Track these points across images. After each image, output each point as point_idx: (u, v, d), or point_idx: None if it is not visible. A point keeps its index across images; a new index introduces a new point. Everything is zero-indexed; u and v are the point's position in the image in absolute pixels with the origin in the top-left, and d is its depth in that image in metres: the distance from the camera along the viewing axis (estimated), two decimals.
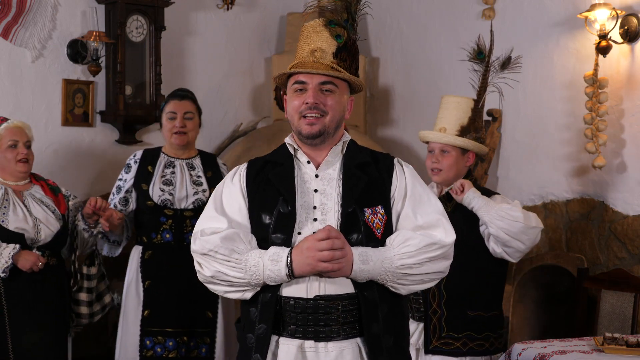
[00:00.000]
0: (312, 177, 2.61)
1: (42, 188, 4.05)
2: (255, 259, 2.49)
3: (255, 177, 2.64)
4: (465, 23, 5.35)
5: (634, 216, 4.47)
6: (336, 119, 2.62)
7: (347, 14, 2.64)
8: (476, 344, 3.67)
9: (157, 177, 4.23)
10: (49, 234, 3.93)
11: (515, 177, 5.12)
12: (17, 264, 3.80)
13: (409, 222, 2.58)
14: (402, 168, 2.67)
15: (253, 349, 2.52)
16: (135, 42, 5.22)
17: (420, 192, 2.63)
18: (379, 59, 6.01)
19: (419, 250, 2.51)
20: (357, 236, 2.52)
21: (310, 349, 2.50)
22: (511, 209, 3.58)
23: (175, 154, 4.32)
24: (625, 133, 4.51)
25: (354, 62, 2.66)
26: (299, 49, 2.66)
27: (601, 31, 4.39)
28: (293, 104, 2.61)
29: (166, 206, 4.18)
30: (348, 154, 2.66)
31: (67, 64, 5.08)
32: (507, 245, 3.60)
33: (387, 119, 5.94)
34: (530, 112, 5.03)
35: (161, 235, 4.19)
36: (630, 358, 3.27)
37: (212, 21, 5.70)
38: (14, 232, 3.84)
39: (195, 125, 4.33)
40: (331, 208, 2.56)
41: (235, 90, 5.80)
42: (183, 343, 4.17)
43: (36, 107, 4.97)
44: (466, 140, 3.76)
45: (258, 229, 2.57)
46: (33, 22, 4.93)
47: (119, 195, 4.24)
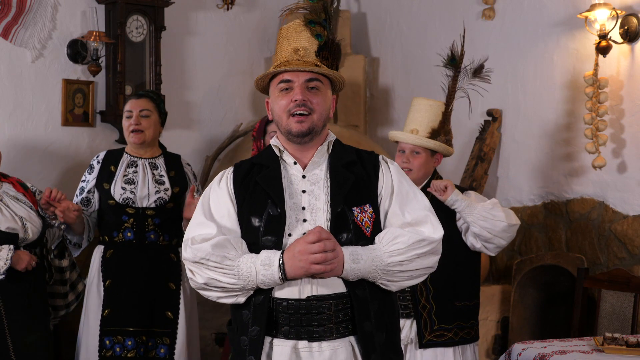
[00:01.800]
0: (300, 178, 2.62)
1: (13, 186, 4.02)
2: (248, 264, 2.49)
3: (242, 181, 2.64)
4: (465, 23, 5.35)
5: (634, 216, 4.47)
6: (323, 117, 2.62)
7: (325, 14, 2.65)
8: (465, 332, 3.79)
9: (119, 176, 4.21)
10: (35, 232, 3.92)
11: (515, 177, 5.12)
12: (15, 264, 3.79)
13: (397, 219, 2.60)
14: (388, 165, 2.68)
15: (247, 351, 2.52)
16: (135, 42, 5.22)
17: (407, 189, 2.65)
18: (379, 59, 6.01)
19: (408, 247, 2.53)
20: (347, 235, 2.53)
21: (304, 349, 2.51)
22: (493, 209, 3.69)
23: (138, 153, 4.30)
24: (625, 133, 4.51)
25: (334, 61, 2.67)
26: (280, 49, 2.66)
27: (601, 31, 4.39)
28: (280, 104, 2.61)
29: (128, 205, 4.17)
30: (334, 153, 2.66)
31: (67, 64, 5.07)
32: (488, 242, 3.72)
33: (387, 119, 5.94)
34: (530, 112, 5.03)
35: (123, 234, 4.17)
36: (630, 358, 3.27)
37: (212, 21, 5.70)
38: (7, 232, 3.83)
39: (153, 124, 4.28)
40: (320, 208, 2.56)
41: (235, 90, 5.80)
42: (142, 342, 4.13)
43: (36, 107, 4.97)
44: (437, 143, 3.86)
45: (248, 232, 2.57)
46: (33, 22, 4.93)
47: (81, 196, 4.24)
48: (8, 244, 3.81)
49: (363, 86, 5.96)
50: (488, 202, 3.72)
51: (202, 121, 5.59)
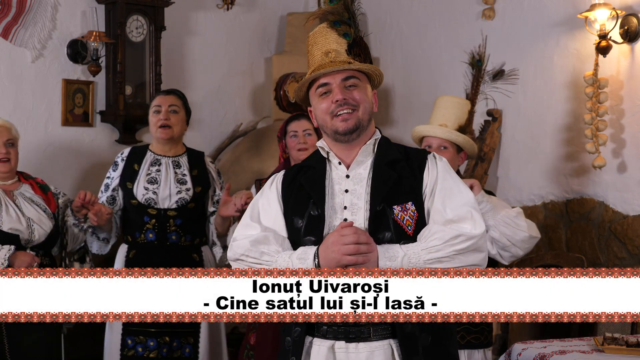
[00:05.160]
0: (343, 178, 2.62)
1: (31, 187, 4.04)
2: (285, 259, 2.52)
3: (290, 183, 2.67)
4: (465, 23, 5.35)
5: (634, 216, 4.47)
6: (368, 111, 2.61)
7: (347, 13, 2.65)
8: (472, 337, 3.74)
9: (142, 175, 4.21)
10: (42, 234, 3.92)
11: (515, 177, 5.11)
12: (14, 265, 3.79)
13: (439, 216, 2.56)
14: (435, 162, 2.63)
15: (290, 351, 2.55)
16: (135, 42, 5.22)
17: (451, 185, 2.60)
18: (379, 59, 6.01)
19: (446, 243, 2.48)
20: (388, 234, 2.51)
21: (341, 350, 2.51)
22: (516, 217, 3.62)
23: (162, 151, 4.29)
24: (625, 133, 4.51)
25: (367, 56, 2.67)
26: (311, 56, 2.66)
27: (601, 31, 4.39)
28: (321, 107, 2.60)
29: (150, 205, 4.17)
30: (379, 151, 2.64)
31: (67, 64, 5.08)
32: (505, 250, 3.65)
33: (387, 119, 5.94)
34: (530, 112, 5.03)
35: (144, 235, 4.18)
36: (630, 358, 3.26)
37: (212, 21, 5.70)
38: (9, 233, 3.84)
39: (180, 120, 4.28)
40: (361, 207, 2.56)
41: (235, 90, 5.80)
42: (165, 343, 4.14)
43: (36, 107, 4.97)
44: (467, 138, 3.78)
45: (292, 233, 2.60)
46: (33, 22, 4.93)
47: (107, 194, 4.25)
48: (10, 244, 3.81)
49: None
50: (513, 210, 3.66)
51: (202, 121, 5.59)
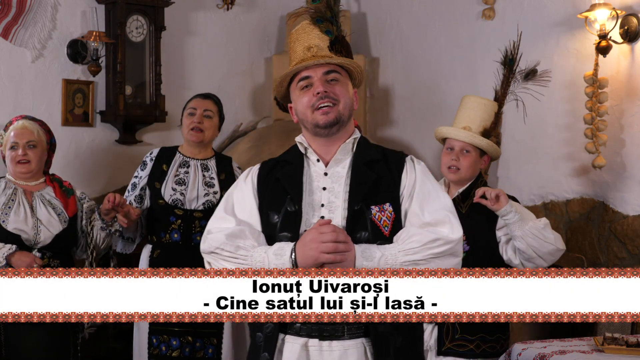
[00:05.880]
0: (321, 175, 2.61)
1: (54, 190, 4.04)
2: (261, 254, 2.50)
3: (266, 177, 2.65)
4: (465, 23, 5.35)
5: (634, 216, 4.47)
6: (348, 107, 2.61)
7: (330, 11, 2.65)
8: (488, 345, 3.67)
9: (171, 176, 4.23)
10: (48, 236, 3.92)
11: (515, 177, 5.11)
12: (12, 264, 3.79)
13: (416, 218, 2.56)
14: (414, 165, 2.65)
15: (262, 347, 2.53)
16: (135, 42, 5.22)
17: (430, 189, 2.61)
18: (379, 59, 6.01)
19: (424, 246, 2.48)
20: (364, 234, 2.51)
21: (314, 348, 2.50)
22: (544, 229, 3.56)
23: (191, 153, 4.32)
24: (625, 133, 4.51)
25: (349, 54, 2.67)
26: (293, 51, 2.66)
27: (601, 31, 4.39)
28: (302, 101, 2.60)
29: (176, 206, 4.18)
30: (358, 151, 2.64)
31: (67, 64, 5.08)
32: (529, 261, 3.59)
33: (387, 119, 5.94)
34: (530, 112, 5.02)
35: (169, 235, 4.19)
36: (630, 358, 3.26)
37: (212, 21, 5.70)
38: (11, 233, 3.84)
39: (213, 125, 4.32)
40: (338, 206, 2.55)
41: (235, 90, 5.80)
42: (187, 343, 4.15)
43: (36, 107, 4.97)
44: (490, 143, 3.72)
45: (267, 227, 2.58)
46: (33, 22, 4.93)
47: (134, 193, 4.26)
48: (12, 244, 3.82)
49: (363, 86, 5.95)
50: (540, 221, 3.59)
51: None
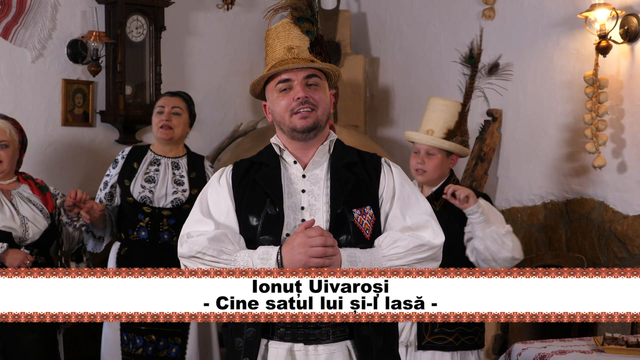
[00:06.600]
0: (299, 178, 2.58)
1: (29, 187, 4.05)
2: (245, 258, 2.47)
3: (241, 179, 2.61)
4: (465, 23, 5.35)
5: (634, 216, 4.47)
6: (326, 112, 2.59)
7: (310, 10, 2.64)
8: (467, 338, 3.73)
9: (141, 174, 4.24)
10: (36, 232, 3.93)
11: (515, 177, 5.12)
12: (5, 262, 3.79)
13: (397, 223, 2.56)
14: (390, 168, 2.64)
15: (242, 352, 2.49)
16: (135, 42, 5.22)
17: (409, 193, 2.61)
18: (379, 59, 6.01)
19: (408, 252, 2.49)
20: (346, 237, 2.50)
21: (300, 352, 2.48)
22: (505, 235, 3.64)
23: (162, 151, 4.32)
24: (625, 133, 4.51)
25: (327, 56, 2.65)
26: (272, 50, 2.63)
27: (601, 31, 4.39)
28: (281, 104, 2.57)
29: (145, 203, 4.19)
30: (335, 153, 2.62)
31: (67, 64, 5.08)
32: (484, 262, 3.68)
33: (387, 119, 5.94)
34: (530, 112, 5.03)
35: (137, 233, 4.20)
36: (630, 358, 3.27)
37: (212, 21, 5.70)
38: (2, 231, 3.84)
39: (182, 122, 4.32)
40: (319, 209, 2.53)
41: (235, 90, 5.80)
42: (150, 342, 4.15)
43: (36, 107, 4.97)
44: (452, 144, 3.81)
45: (246, 231, 2.55)
46: (33, 22, 4.93)
47: (105, 190, 4.28)
48: (2, 242, 3.82)
49: (363, 86, 5.96)
50: (504, 228, 3.67)
51: (202, 121, 5.59)
